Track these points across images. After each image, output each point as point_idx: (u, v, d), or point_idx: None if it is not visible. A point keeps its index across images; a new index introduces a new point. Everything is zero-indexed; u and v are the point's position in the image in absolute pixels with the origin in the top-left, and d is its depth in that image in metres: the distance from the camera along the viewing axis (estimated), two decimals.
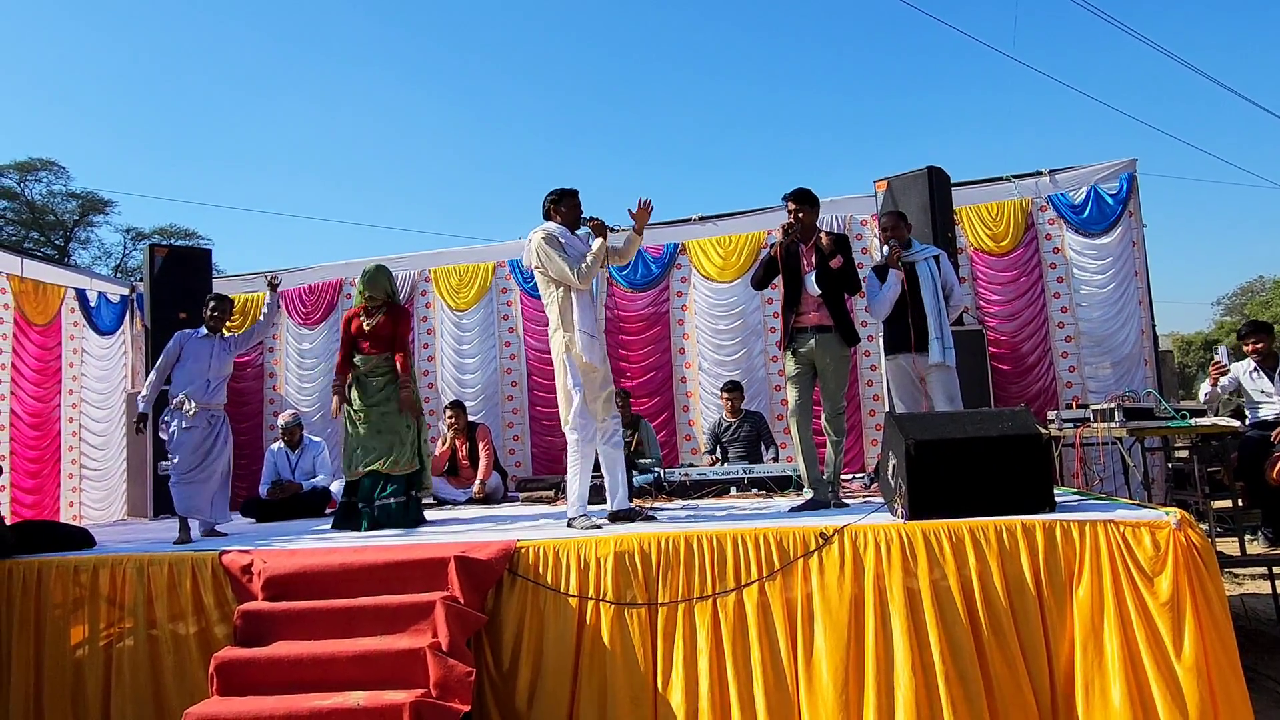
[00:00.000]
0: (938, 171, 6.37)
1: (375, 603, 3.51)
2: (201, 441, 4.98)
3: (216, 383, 5.12)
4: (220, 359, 5.15)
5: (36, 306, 7.80)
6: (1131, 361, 6.77)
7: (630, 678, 3.43)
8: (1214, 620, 3.09)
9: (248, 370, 8.50)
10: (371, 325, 5.12)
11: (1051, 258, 7.02)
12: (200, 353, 5.10)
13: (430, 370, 8.28)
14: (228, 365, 5.23)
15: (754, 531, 3.53)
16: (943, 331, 4.93)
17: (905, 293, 4.98)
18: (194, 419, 4.95)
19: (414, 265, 8.43)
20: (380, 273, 5.25)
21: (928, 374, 5.01)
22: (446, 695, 3.17)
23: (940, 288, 5.05)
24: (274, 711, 3.10)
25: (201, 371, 5.06)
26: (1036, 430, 3.61)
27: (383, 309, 5.17)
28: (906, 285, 4.99)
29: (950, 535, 3.35)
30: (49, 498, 7.82)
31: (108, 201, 26.32)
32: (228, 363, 5.22)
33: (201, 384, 5.04)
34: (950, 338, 4.97)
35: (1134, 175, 6.85)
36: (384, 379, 5.11)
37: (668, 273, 7.87)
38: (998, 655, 3.22)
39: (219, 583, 3.85)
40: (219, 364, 5.14)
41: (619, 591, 3.52)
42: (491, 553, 3.63)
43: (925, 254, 5.12)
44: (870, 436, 7.24)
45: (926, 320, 4.94)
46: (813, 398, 4.76)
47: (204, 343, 5.14)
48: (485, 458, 6.97)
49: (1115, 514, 3.38)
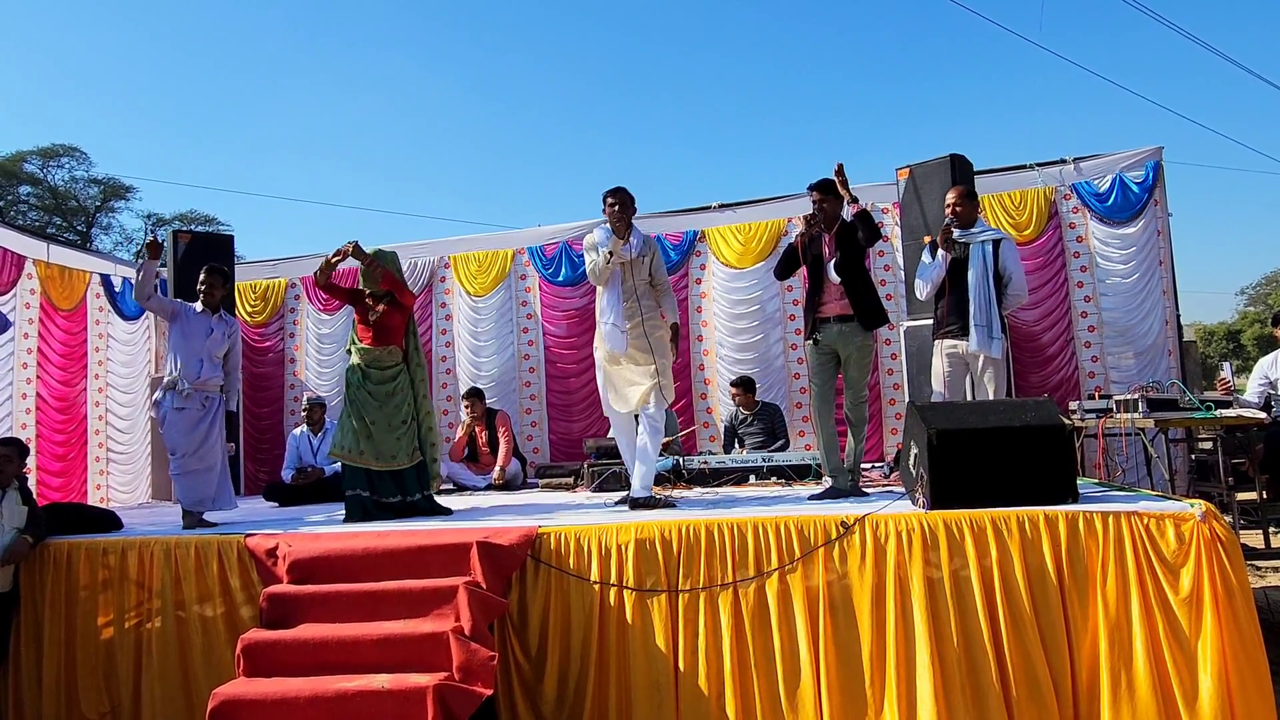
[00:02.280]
0: (961, 159, 6.31)
1: (399, 587, 3.55)
2: (196, 424, 4.76)
3: (210, 362, 4.86)
4: (216, 339, 4.90)
5: (62, 292, 7.88)
6: (1155, 352, 6.70)
7: (652, 664, 3.46)
8: (1235, 615, 3.06)
9: (268, 355, 8.57)
10: (377, 316, 4.91)
11: (1075, 246, 6.95)
12: (195, 330, 4.83)
13: (448, 356, 8.31)
14: (223, 346, 4.94)
15: (775, 520, 3.54)
16: (990, 320, 4.69)
17: (948, 276, 4.83)
18: (187, 400, 4.73)
19: (434, 251, 8.45)
20: (384, 257, 5.02)
21: (976, 362, 4.83)
22: (469, 679, 3.20)
23: (992, 274, 4.78)
24: (300, 692, 3.15)
25: (196, 350, 4.80)
26: (1060, 421, 3.60)
27: (386, 298, 4.93)
28: (953, 267, 4.83)
29: (972, 525, 3.35)
30: (76, 480, 7.92)
31: (129, 188, 26.61)
32: (223, 344, 4.94)
33: (195, 363, 4.78)
34: (999, 327, 4.73)
35: (1160, 163, 6.76)
36: (388, 372, 4.89)
37: (686, 260, 7.86)
38: (1016, 647, 3.22)
39: (244, 566, 3.90)
40: (215, 345, 4.88)
41: (640, 578, 3.54)
42: (513, 538, 3.66)
43: (984, 236, 4.89)
44: (890, 425, 7.22)
45: (969, 305, 4.74)
46: (835, 386, 4.75)
47: (200, 319, 4.88)
48: (505, 444, 7.00)
49: (1139, 505, 3.36)
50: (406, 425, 4.90)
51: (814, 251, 4.72)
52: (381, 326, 4.92)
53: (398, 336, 4.97)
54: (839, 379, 4.75)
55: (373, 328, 4.91)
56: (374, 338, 4.91)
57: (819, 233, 4.72)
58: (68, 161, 25.74)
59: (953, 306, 4.84)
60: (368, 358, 4.89)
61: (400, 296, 4.97)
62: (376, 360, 4.89)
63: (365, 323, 4.94)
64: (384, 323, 4.92)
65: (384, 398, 4.85)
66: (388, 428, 4.81)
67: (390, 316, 4.94)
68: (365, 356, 4.89)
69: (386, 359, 4.91)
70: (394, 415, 4.85)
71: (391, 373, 4.91)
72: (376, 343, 4.90)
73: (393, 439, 4.82)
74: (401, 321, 5.00)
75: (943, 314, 4.93)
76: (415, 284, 8.34)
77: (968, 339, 4.76)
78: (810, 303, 4.74)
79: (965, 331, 4.77)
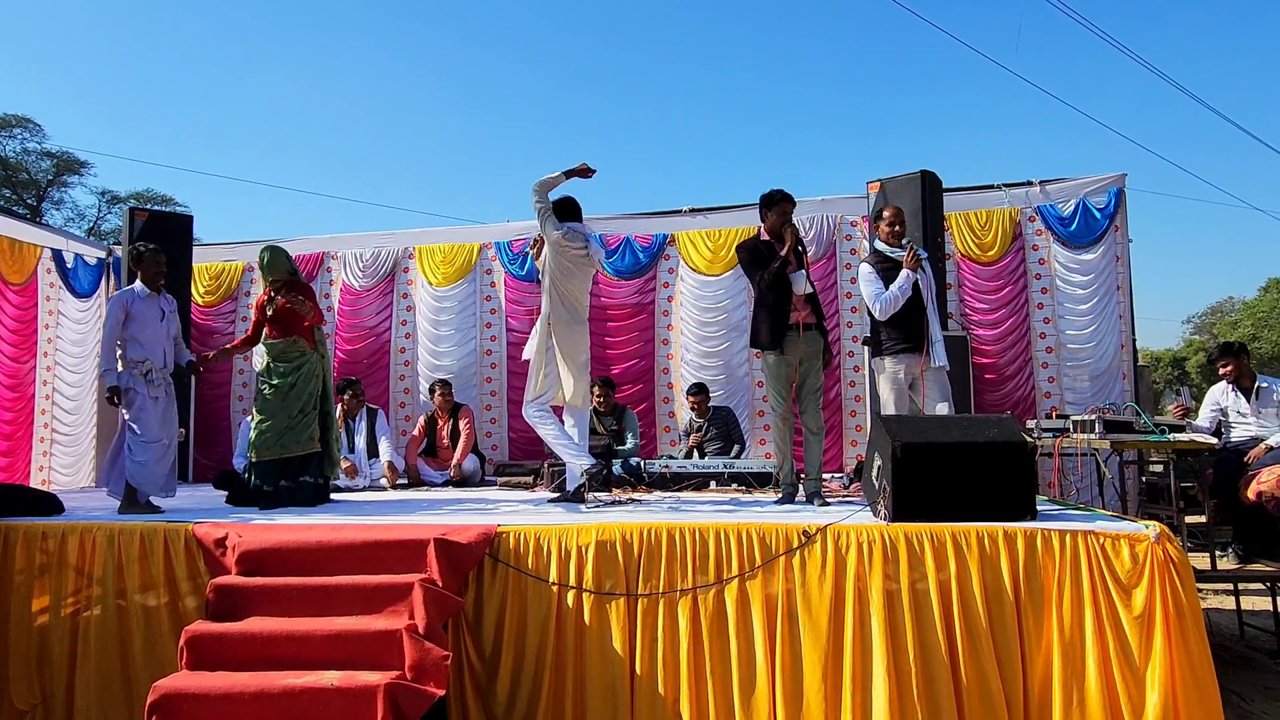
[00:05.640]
0: (930, 176, 6.38)
1: (352, 582, 3.47)
2: (165, 410, 4.78)
3: (170, 346, 4.89)
4: (170, 320, 4.90)
5: (12, 265, 7.62)
6: (1110, 375, 6.83)
7: (607, 667, 3.42)
8: (1185, 635, 3.11)
9: (216, 338, 8.29)
10: (274, 310, 4.99)
11: (1037, 268, 7.06)
12: (150, 316, 4.79)
13: (407, 348, 8.18)
14: (174, 323, 4.96)
15: (736, 526, 3.52)
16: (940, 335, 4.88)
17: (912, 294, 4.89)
18: (158, 389, 4.74)
19: (399, 242, 8.33)
20: (276, 254, 5.08)
21: (923, 376, 4.88)
22: (421, 678, 3.13)
23: (935, 291, 4.99)
24: (246, 687, 3.05)
25: (158, 337, 4.79)
26: (1022, 438, 3.63)
27: (284, 290, 5.02)
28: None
29: (932, 539, 3.36)
30: (21, 461, 7.66)
31: (83, 163, 25.81)
32: (172, 320, 4.94)
33: (160, 351, 4.79)
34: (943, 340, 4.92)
35: (1122, 190, 6.90)
36: (289, 364, 4.98)
37: (655, 263, 7.83)
38: (971, 661, 3.23)
39: (191, 555, 3.79)
40: (170, 325, 4.89)
41: (599, 581, 3.50)
42: (472, 536, 3.60)
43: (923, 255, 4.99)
44: (850, 437, 7.27)
45: (928, 322, 4.82)
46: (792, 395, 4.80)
47: (151, 304, 4.82)
48: (465, 438, 6.93)
49: (1095, 525, 3.40)
50: (305, 414, 4.98)
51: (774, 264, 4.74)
52: (282, 319, 4.99)
53: (301, 328, 5.04)
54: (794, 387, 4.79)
55: (275, 321, 5.00)
56: (278, 330, 5.01)
57: (770, 242, 4.85)
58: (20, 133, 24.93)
59: (902, 325, 4.85)
60: (273, 351, 5.02)
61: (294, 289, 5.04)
62: (283, 353, 5.01)
63: (269, 320, 5.01)
64: (283, 315, 4.99)
65: (285, 387, 4.94)
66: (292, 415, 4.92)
67: (287, 310, 4.98)
68: (271, 350, 5.03)
69: (291, 350, 5.01)
70: (295, 404, 4.93)
71: (298, 362, 5.00)
72: (280, 335, 5.00)
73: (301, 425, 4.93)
74: (301, 314, 5.00)
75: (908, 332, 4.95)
76: (378, 273, 8.22)
77: (918, 355, 4.79)
78: (776, 312, 4.73)
79: (917, 349, 4.79)
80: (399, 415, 8.06)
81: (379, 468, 6.79)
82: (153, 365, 4.73)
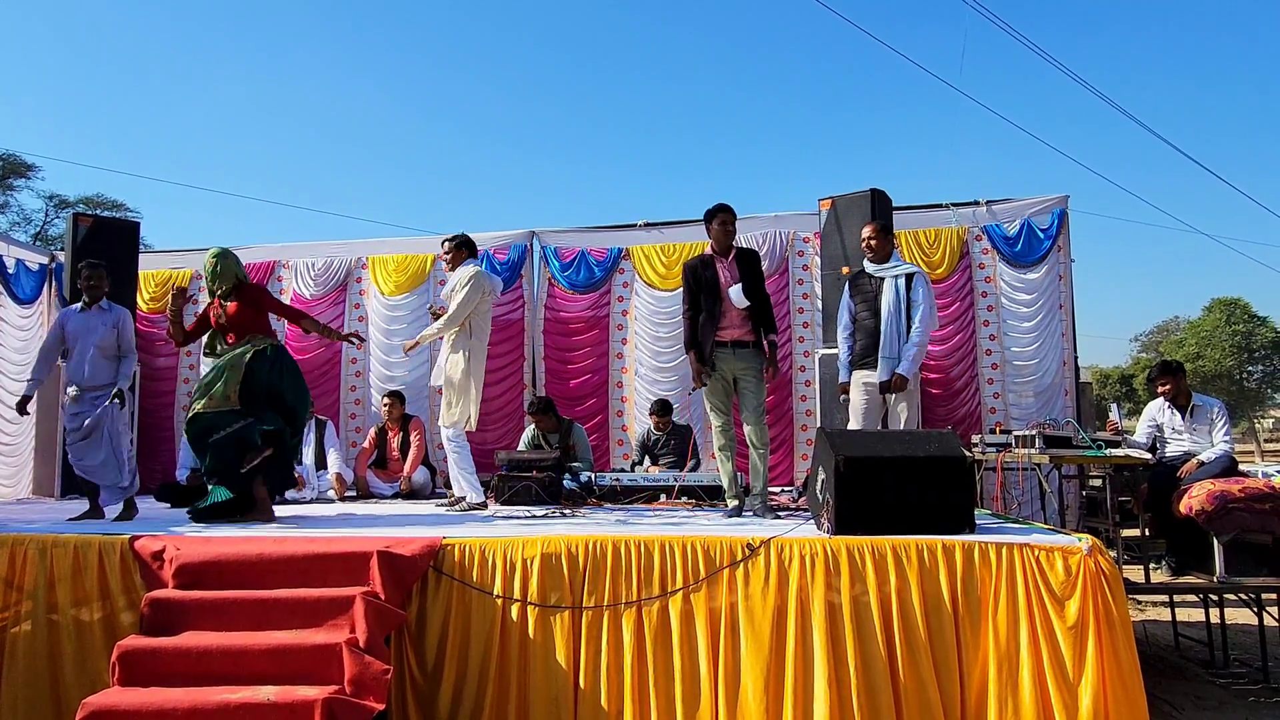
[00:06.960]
0: (881, 194, 6.49)
1: (292, 595, 3.42)
2: (83, 426, 4.65)
3: (96, 359, 4.73)
4: (97, 332, 4.76)
5: None
6: (1052, 391, 6.99)
7: (551, 681, 3.41)
8: (1115, 645, 3.20)
9: (160, 346, 8.15)
10: (224, 317, 4.76)
11: (983, 286, 7.21)
12: (80, 330, 4.75)
13: (359, 358, 8.09)
14: (106, 337, 4.79)
15: (681, 540, 3.54)
16: (896, 352, 4.91)
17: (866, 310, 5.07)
18: (77, 404, 4.67)
19: (352, 252, 8.24)
20: (228, 259, 4.85)
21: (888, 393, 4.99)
22: (361, 693, 3.09)
23: (904, 308, 4.97)
24: (179, 704, 2.99)
25: (82, 351, 4.69)
26: (961, 453, 3.71)
27: (233, 296, 4.79)
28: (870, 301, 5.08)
29: (874, 552, 3.41)
30: None
31: (30, 165, 25.13)
32: (105, 334, 4.79)
33: (79, 366, 4.68)
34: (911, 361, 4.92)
35: (1065, 211, 7.08)
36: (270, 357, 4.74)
37: (610, 276, 7.86)
38: (910, 672, 3.29)
39: (127, 568, 3.70)
40: (96, 337, 4.75)
41: (544, 594, 3.49)
42: (416, 549, 3.57)
43: (898, 270, 5.10)
44: (801, 450, 7.34)
45: (880, 337, 4.91)
46: (733, 411, 4.84)
47: (82, 318, 4.77)
48: (416, 450, 6.87)
49: (1031, 538, 3.48)
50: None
51: (707, 276, 4.77)
52: (237, 324, 4.76)
53: (259, 325, 4.81)
54: (734, 403, 4.85)
55: (231, 329, 4.77)
56: (235, 337, 4.75)
57: (712, 256, 4.83)
58: None
59: (867, 339, 4.97)
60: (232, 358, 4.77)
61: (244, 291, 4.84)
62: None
63: (223, 329, 4.79)
64: (237, 320, 4.76)
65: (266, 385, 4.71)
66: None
67: (240, 314, 4.76)
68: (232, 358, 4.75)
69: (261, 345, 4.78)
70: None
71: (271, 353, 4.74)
72: (240, 341, 4.74)
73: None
74: (253, 314, 4.80)
75: (859, 347, 5.06)
76: (329, 283, 8.13)
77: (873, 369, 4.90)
78: (706, 329, 4.74)
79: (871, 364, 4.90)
80: (349, 427, 7.96)
81: (326, 480, 6.71)
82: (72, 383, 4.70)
